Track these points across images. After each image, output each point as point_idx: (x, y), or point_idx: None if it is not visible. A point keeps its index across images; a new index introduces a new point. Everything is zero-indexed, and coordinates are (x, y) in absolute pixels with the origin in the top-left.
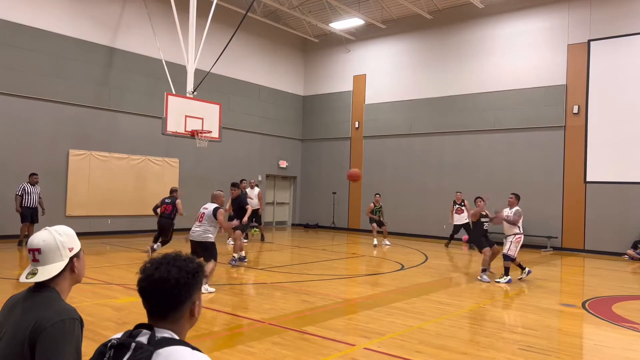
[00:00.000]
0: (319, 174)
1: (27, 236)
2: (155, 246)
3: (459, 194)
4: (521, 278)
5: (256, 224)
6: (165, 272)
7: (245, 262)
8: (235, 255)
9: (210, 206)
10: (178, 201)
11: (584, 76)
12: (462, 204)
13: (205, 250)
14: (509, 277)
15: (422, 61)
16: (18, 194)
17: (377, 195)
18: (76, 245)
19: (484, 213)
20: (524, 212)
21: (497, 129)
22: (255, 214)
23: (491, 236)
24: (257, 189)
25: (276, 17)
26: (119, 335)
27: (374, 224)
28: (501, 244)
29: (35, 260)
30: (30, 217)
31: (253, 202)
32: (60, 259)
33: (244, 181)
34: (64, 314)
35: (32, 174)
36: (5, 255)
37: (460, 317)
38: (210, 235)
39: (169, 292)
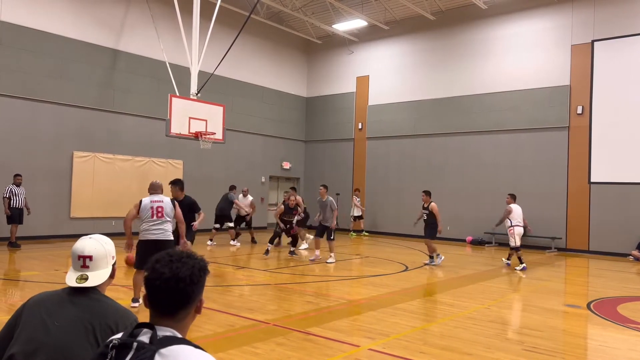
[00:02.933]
0: (322, 175)
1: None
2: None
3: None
4: (516, 269)
5: (246, 227)
6: (177, 270)
7: None
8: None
9: (165, 199)
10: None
11: (587, 77)
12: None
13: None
14: (523, 264)
15: (425, 62)
16: (5, 196)
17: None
18: (115, 253)
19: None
20: (528, 212)
21: (501, 130)
22: (244, 219)
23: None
24: (250, 198)
25: (279, 19)
26: (119, 335)
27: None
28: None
29: (85, 267)
30: (18, 218)
31: (244, 209)
32: (107, 266)
33: (234, 189)
34: (130, 314)
35: (17, 175)
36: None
37: (465, 318)
38: (170, 233)
39: (182, 290)
